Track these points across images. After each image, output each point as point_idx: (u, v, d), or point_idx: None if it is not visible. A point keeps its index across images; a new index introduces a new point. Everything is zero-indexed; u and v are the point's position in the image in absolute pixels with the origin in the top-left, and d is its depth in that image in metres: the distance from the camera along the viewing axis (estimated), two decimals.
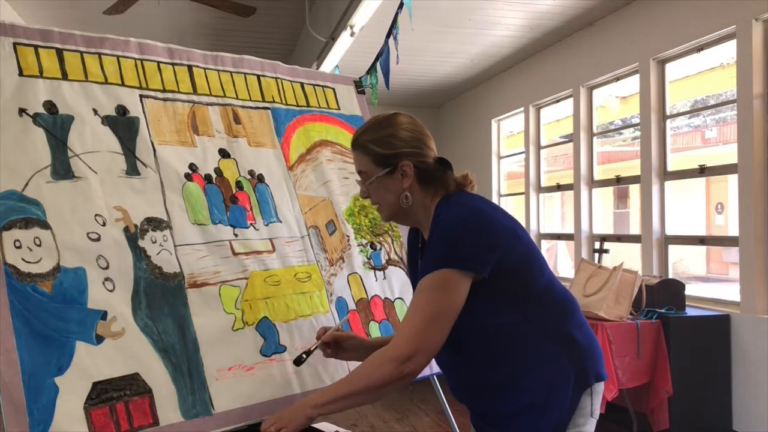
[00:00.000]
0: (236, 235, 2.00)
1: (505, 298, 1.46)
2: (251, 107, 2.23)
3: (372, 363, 1.44)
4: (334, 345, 1.81)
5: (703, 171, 4.50)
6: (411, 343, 1.39)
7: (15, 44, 1.76)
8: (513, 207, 7.39)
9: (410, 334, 1.40)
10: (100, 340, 1.61)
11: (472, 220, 1.45)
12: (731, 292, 4.24)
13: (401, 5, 3.18)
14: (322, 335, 1.80)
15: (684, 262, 5.37)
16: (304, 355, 1.78)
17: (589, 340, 1.53)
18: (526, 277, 1.49)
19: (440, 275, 1.41)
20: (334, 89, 2.54)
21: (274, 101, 2.30)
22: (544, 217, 6.80)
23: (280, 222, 2.13)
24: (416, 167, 1.53)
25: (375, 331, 2.21)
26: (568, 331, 1.49)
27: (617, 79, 5.41)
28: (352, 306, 2.19)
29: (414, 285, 1.66)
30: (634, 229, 5.27)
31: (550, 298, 1.51)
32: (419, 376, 2.28)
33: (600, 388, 1.50)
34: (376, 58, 3.18)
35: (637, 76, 5.03)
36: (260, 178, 2.14)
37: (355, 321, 2.18)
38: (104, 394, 1.57)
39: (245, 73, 2.26)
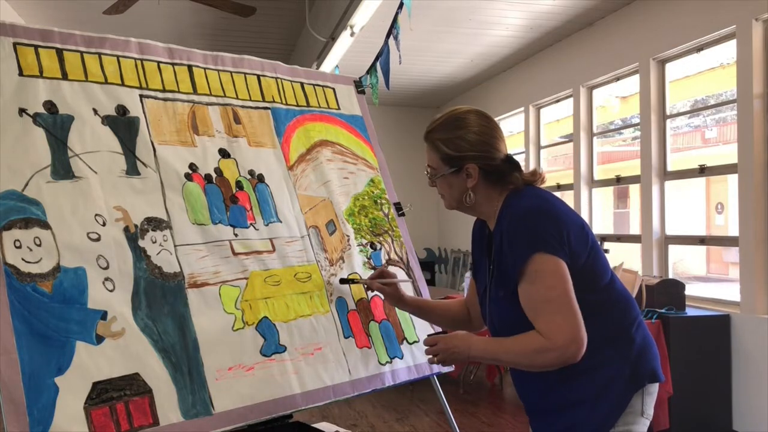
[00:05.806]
0: (236, 235, 2.00)
1: None
2: (251, 107, 2.22)
3: (532, 348, 1.43)
4: (394, 291, 1.95)
5: (703, 171, 4.50)
6: (564, 332, 1.40)
7: (15, 44, 1.75)
8: None
9: (559, 323, 1.41)
10: (100, 340, 1.61)
11: (545, 207, 1.50)
12: (731, 292, 4.24)
13: (401, 5, 3.18)
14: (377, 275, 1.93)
15: (684, 262, 5.37)
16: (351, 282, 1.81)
17: (645, 341, 1.55)
18: (592, 274, 1.51)
19: (539, 260, 1.43)
20: (334, 89, 2.54)
21: (274, 101, 2.30)
22: None
23: (280, 222, 2.13)
24: (481, 169, 1.57)
25: (375, 331, 2.21)
26: (625, 332, 1.52)
27: (617, 79, 5.41)
28: (352, 306, 2.19)
29: (477, 274, 1.72)
30: (634, 229, 5.27)
31: (612, 298, 1.54)
32: (421, 375, 2.30)
33: (653, 389, 1.53)
34: (376, 58, 3.18)
35: (637, 76, 5.03)
36: (260, 178, 2.14)
37: (355, 321, 2.18)
38: (104, 394, 1.57)
39: (245, 73, 2.25)
